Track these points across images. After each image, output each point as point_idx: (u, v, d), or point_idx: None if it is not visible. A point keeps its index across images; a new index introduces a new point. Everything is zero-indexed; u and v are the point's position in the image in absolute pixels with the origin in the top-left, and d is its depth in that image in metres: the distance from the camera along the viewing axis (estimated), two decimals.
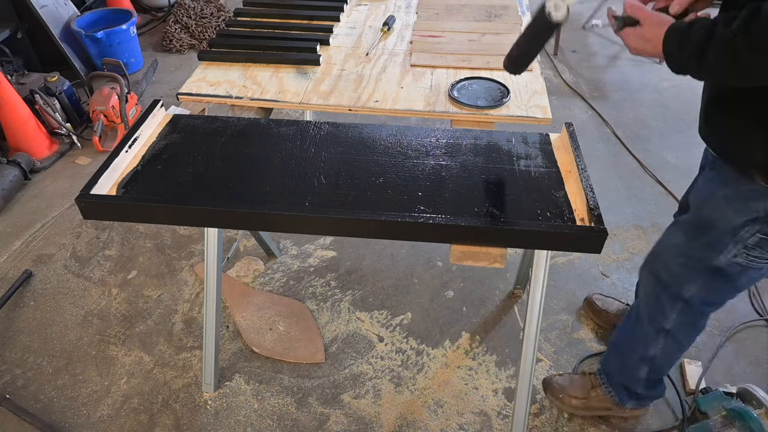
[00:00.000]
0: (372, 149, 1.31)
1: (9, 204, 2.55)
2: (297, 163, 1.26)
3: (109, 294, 2.14)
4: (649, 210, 2.51)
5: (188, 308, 2.08)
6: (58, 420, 1.73)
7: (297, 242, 2.35)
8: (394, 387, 1.83)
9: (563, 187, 1.20)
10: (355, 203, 1.15)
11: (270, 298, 2.11)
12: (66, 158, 2.85)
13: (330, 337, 1.98)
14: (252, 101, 1.49)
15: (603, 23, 1.80)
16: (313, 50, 1.67)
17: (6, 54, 3.11)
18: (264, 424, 1.73)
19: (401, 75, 1.60)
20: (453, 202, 1.15)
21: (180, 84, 1.59)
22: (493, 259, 1.14)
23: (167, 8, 4.21)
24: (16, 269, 2.22)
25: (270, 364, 1.89)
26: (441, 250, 2.30)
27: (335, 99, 1.49)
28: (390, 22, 1.84)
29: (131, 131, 1.31)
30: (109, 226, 2.43)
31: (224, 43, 1.73)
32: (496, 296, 2.12)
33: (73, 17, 3.36)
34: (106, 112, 2.84)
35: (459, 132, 1.37)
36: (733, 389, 1.66)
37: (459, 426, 1.73)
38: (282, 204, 1.15)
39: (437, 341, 1.97)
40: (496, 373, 1.87)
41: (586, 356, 1.90)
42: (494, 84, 1.53)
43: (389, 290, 2.15)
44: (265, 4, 1.99)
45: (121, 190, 1.19)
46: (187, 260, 2.27)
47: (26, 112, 2.70)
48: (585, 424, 1.72)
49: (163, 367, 1.89)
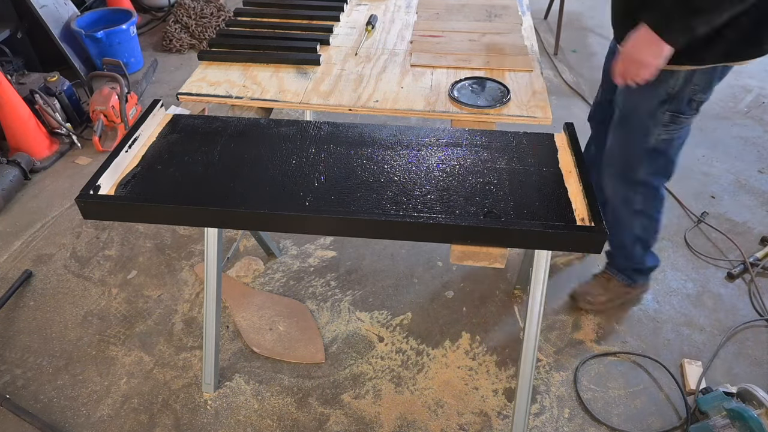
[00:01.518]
0: (372, 149, 1.31)
1: (9, 204, 2.54)
2: (297, 163, 1.26)
3: (109, 294, 2.14)
4: None
5: (188, 308, 2.08)
6: (58, 420, 1.73)
7: (297, 242, 2.35)
8: (394, 387, 1.83)
9: (563, 187, 1.20)
10: (355, 203, 1.15)
11: (270, 298, 2.11)
12: (66, 158, 2.85)
13: (330, 337, 1.98)
14: (252, 101, 1.49)
15: None
16: (313, 50, 1.67)
17: (6, 54, 3.11)
18: (264, 424, 1.73)
19: (401, 75, 1.60)
20: (453, 202, 1.15)
21: (180, 84, 1.59)
22: (493, 259, 1.14)
23: (167, 8, 4.21)
24: (16, 269, 2.22)
25: (270, 364, 1.89)
26: (441, 250, 2.30)
27: (335, 99, 1.49)
28: (372, 21, 1.85)
29: (131, 131, 1.31)
30: (109, 226, 2.43)
31: (224, 43, 1.73)
32: (496, 296, 2.12)
33: (73, 17, 3.36)
34: (106, 112, 2.84)
35: (459, 132, 1.37)
36: (733, 389, 1.66)
37: (459, 426, 1.73)
38: (282, 204, 1.15)
39: (437, 341, 1.97)
40: (496, 373, 1.87)
41: (587, 357, 1.90)
42: (494, 84, 1.53)
43: (389, 290, 2.15)
44: (265, 4, 1.99)
45: (121, 190, 1.19)
46: (187, 260, 2.27)
47: (26, 112, 2.70)
48: (585, 424, 1.73)
49: (163, 367, 1.89)
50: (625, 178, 1.67)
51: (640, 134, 1.54)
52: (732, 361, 1.90)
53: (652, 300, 2.10)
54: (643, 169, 1.62)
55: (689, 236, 2.35)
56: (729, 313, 2.05)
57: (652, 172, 1.63)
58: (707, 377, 1.83)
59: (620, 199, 1.73)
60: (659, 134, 1.51)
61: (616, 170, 1.68)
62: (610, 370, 1.88)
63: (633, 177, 1.65)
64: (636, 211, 1.73)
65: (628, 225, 1.78)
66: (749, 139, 2.95)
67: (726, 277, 2.19)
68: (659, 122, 1.49)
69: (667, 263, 2.24)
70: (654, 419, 1.74)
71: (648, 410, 1.77)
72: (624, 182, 1.69)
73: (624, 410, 1.77)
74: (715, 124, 3.06)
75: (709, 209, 2.48)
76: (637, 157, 1.60)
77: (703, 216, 2.44)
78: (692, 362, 1.87)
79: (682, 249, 2.31)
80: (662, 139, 1.52)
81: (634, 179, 1.65)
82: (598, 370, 1.88)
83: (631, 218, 1.75)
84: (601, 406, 1.77)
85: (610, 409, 1.77)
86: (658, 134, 1.51)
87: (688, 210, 2.49)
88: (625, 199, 1.72)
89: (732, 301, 2.09)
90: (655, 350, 1.93)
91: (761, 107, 3.21)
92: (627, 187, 1.69)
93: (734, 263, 2.23)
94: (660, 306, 2.08)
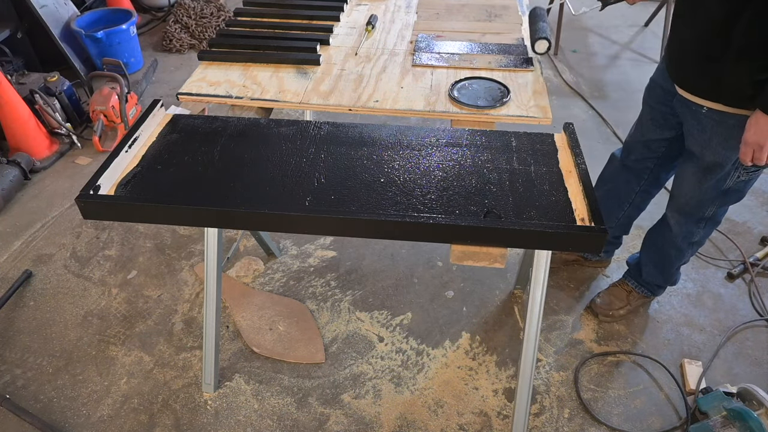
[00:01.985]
0: (372, 149, 1.31)
1: (9, 204, 2.54)
2: (297, 162, 1.26)
3: (109, 294, 2.14)
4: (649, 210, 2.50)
5: (188, 308, 2.08)
6: (58, 420, 1.73)
7: (297, 242, 2.35)
8: (394, 387, 1.83)
9: (564, 187, 1.20)
10: (355, 203, 1.15)
11: (270, 298, 2.11)
12: (66, 158, 2.85)
13: (330, 337, 1.98)
14: (252, 101, 1.49)
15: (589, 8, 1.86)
16: (313, 50, 1.67)
17: (6, 54, 3.11)
18: (264, 424, 1.73)
19: (401, 75, 1.60)
20: (453, 202, 1.15)
21: (180, 84, 1.59)
22: (493, 259, 1.14)
23: (167, 8, 4.20)
24: (16, 269, 2.22)
25: (270, 364, 1.89)
26: (441, 250, 2.30)
27: (335, 99, 1.49)
28: (372, 21, 1.85)
29: (131, 131, 1.31)
30: (109, 226, 2.43)
31: (224, 43, 1.73)
32: (496, 296, 2.12)
33: (73, 17, 3.36)
34: (106, 112, 2.84)
35: (459, 132, 1.37)
36: (733, 389, 1.66)
37: (459, 426, 1.73)
38: (282, 204, 1.15)
39: (437, 341, 1.96)
40: (496, 373, 1.87)
41: (587, 357, 1.90)
42: (494, 84, 1.53)
43: (389, 290, 2.15)
44: (265, 4, 1.99)
45: (121, 190, 1.19)
46: (187, 260, 2.27)
47: (26, 112, 2.70)
48: (585, 424, 1.73)
49: (163, 367, 1.89)
50: (692, 216, 1.67)
51: (721, 180, 1.52)
52: (732, 361, 1.90)
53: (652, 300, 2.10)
54: (713, 207, 1.62)
55: None
56: (729, 313, 2.05)
57: (721, 207, 1.64)
58: (707, 377, 1.83)
59: (683, 233, 1.73)
60: (739, 177, 1.50)
61: (688, 209, 1.66)
62: (610, 370, 1.88)
63: (701, 214, 1.65)
64: (693, 242, 1.76)
65: (681, 255, 1.81)
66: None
67: (726, 277, 2.19)
68: (741, 167, 1.47)
69: None
70: (654, 419, 1.74)
71: (648, 410, 1.77)
72: (690, 219, 1.68)
73: (624, 410, 1.77)
74: None
75: None
76: (712, 198, 1.59)
77: None
78: (692, 362, 1.87)
79: None
80: (741, 180, 1.51)
81: (704, 216, 1.65)
82: (598, 370, 1.88)
83: (687, 249, 1.78)
84: (601, 406, 1.77)
85: (610, 409, 1.77)
86: (737, 177, 1.50)
87: None
88: (688, 233, 1.72)
89: (732, 301, 2.09)
90: (655, 350, 1.93)
91: None
92: (694, 223, 1.68)
93: (734, 263, 2.23)
94: (660, 306, 2.08)
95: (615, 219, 1.99)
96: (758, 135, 1.27)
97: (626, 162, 1.84)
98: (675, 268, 1.88)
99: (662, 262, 1.87)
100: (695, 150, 1.52)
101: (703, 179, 1.54)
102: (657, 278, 1.94)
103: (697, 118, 1.46)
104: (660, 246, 1.84)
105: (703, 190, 1.57)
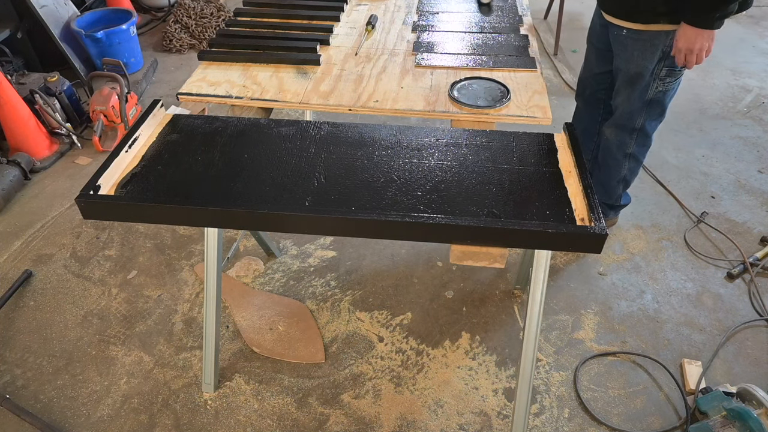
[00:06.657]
0: (372, 149, 1.31)
1: (9, 204, 2.55)
2: (297, 163, 1.26)
3: (109, 294, 2.14)
4: (649, 210, 2.51)
5: (188, 308, 2.08)
6: (58, 420, 1.73)
7: (297, 242, 2.35)
8: (394, 387, 1.83)
9: (563, 187, 1.20)
10: (355, 203, 1.15)
11: (270, 298, 2.11)
12: (66, 158, 2.85)
13: (330, 337, 1.98)
14: (252, 101, 1.49)
15: None
16: (313, 50, 1.67)
17: (6, 54, 3.11)
18: (264, 424, 1.73)
19: (401, 75, 1.60)
20: (453, 202, 1.15)
21: (180, 84, 1.59)
22: (493, 259, 1.14)
23: (167, 8, 4.21)
24: (16, 269, 2.22)
25: (270, 364, 1.89)
26: (441, 250, 2.30)
27: (335, 99, 1.49)
28: (372, 21, 1.85)
29: (131, 131, 1.31)
30: (109, 226, 2.43)
31: (224, 43, 1.73)
32: (496, 296, 2.12)
33: (73, 17, 3.36)
34: (106, 112, 2.84)
35: (459, 132, 1.37)
36: (733, 389, 1.66)
37: (459, 426, 1.73)
38: (282, 204, 1.15)
39: (437, 341, 1.97)
40: (496, 373, 1.87)
41: (587, 357, 1.90)
42: (494, 84, 1.53)
43: (389, 290, 2.15)
44: (265, 4, 1.99)
45: (121, 190, 1.19)
46: (187, 260, 2.27)
47: (26, 112, 2.70)
48: (585, 424, 1.73)
49: (163, 367, 1.89)
50: (625, 126, 1.96)
51: (642, 90, 1.83)
52: (732, 361, 1.90)
53: (652, 300, 2.10)
54: (641, 118, 1.92)
55: (689, 236, 2.36)
56: (729, 313, 2.05)
57: (649, 119, 1.93)
58: (707, 377, 1.83)
59: (617, 144, 2.02)
60: (657, 87, 1.81)
61: (620, 121, 1.97)
62: (610, 370, 1.88)
63: (632, 125, 1.95)
64: (628, 154, 2.04)
65: (618, 166, 2.09)
66: (749, 139, 2.95)
67: (726, 277, 2.19)
68: (658, 77, 1.79)
69: (667, 263, 2.24)
70: (654, 419, 1.74)
71: (648, 410, 1.77)
72: (624, 130, 1.98)
73: (624, 410, 1.77)
74: (714, 124, 3.06)
75: (709, 209, 2.49)
76: (638, 109, 1.89)
77: (703, 216, 2.44)
78: (692, 362, 1.87)
79: (682, 249, 2.31)
80: (659, 91, 1.83)
81: (633, 127, 1.95)
82: (598, 370, 1.88)
83: (622, 160, 2.06)
84: (601, 406, 1.78)
85: (610, 409, 1.77)
86: (656, 87, 1.81)
87: (688, 210, 2.49)
88: (621, 144, 2.02)
89: (732, 301, 2.09)
90: (655, 350, 1.93)
91: (761, 107, 3.21)
92: (625, 133, 1.98)
93: (734, 263, 2.23)
94: (660, 306, 2.08)
95: (589, 152, 2.28)
96: (687, 42, 1.61)
97: (583, 97, 2.18)
98: (615, 180, 2.13)
99: (604, 177, 2.15)
100: (621, 66, 1.85)
101: (631, 91, 1.86)
102: (603, 196, 2.23)
103: (619, 41, 1.81)
104: (601, 162, 2.15)
105: (632, 101, 1.88)
